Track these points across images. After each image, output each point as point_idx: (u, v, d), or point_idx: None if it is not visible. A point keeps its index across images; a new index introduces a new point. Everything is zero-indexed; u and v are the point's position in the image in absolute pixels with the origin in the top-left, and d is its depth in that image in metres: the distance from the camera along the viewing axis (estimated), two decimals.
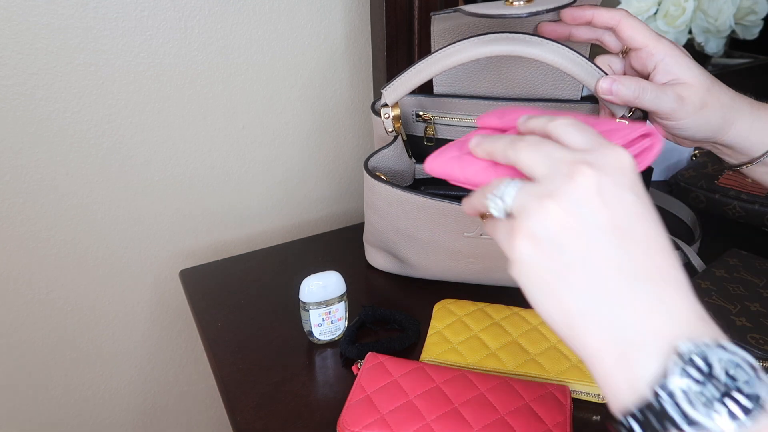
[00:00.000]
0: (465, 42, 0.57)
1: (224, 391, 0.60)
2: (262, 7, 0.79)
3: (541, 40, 0.56)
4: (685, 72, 0.54)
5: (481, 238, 0.64)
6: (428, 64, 0.60)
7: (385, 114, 0.66)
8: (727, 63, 1.12)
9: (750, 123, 0.54)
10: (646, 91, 0.53)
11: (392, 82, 0.63)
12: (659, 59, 0.54)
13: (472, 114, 0.70)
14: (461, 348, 0.60)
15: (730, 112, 0.54)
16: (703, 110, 0.53)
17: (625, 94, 0.53)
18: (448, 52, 0.58)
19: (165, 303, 0.91)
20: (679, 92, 0.53)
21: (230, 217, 0.90)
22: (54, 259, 0.80)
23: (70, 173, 0.77)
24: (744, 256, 0.69)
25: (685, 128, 0.54)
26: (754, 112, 0.55)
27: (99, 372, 0.91)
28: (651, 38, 0.54)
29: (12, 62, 0.69)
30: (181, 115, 0.80)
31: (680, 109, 0.53)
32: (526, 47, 0.55)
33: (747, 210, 0.83)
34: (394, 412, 0.51)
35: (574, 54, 0.56)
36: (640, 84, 0.53)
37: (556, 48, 0.55)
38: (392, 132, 0.67)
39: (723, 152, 0.58)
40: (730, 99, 0.54)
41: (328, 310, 0.63)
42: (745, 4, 1.01)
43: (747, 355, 0.28)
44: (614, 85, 0.54)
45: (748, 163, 0.56)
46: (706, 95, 0.53)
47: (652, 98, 0.53)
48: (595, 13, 0.56)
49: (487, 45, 0.56)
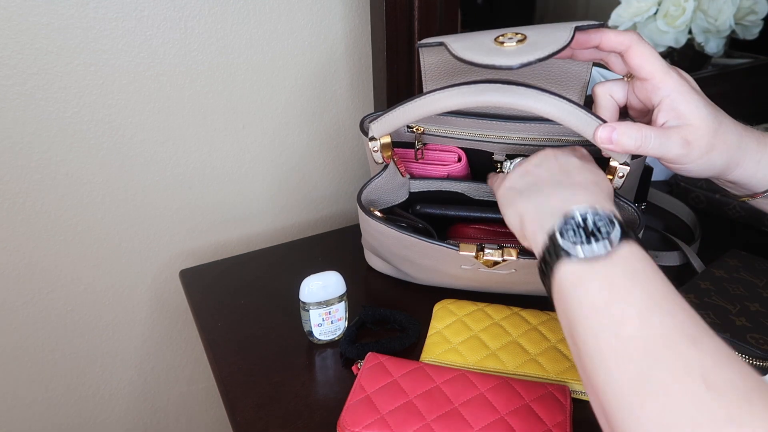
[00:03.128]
0: (456, 89, 0.55)
1: (224, 391, 0.60)
2: (262, 7, 0.79)
3: (535, 92, 0.53)
4: (692, 112, 0.50)
5: (480, 271, 0.64)
6: (418, 106, 0.58)
7: (374, 147, 0.64)
8: (727, 63, 1.12)
9: (757, 162, 0.51)
10: (649, 140, 0.49)
11: (379, 118, 0.62)
12: (665, 95, 0.50)
13: (464, 129, 0.68)
14: (461, 348, 0.61)
15: (737, 152, 0.50)
16: (710, 154, 0.50)
17: (627, 143, 0.50)
18: (437, 98, 0.56)
19: (165, 303, 0.91)
20: (684, 136, 0.49)
21: (230, 217, 0.90)
22: (54, 259, 0.80)
23: (70, 173, 0.77)
24: (744, 257, 0.69)
25: (690, 171, 0.52)
26: (761, 149, 0.51)
27: (99, 372, 0.91)
28: (660, 70, 0.50)
29: (12, 62, 0.69)
30: (181, 115, 0.80)
31: (686, 155, 0.50)
32: (520, 99, 0.53)
33: (747, 210, 0.83)
34: (394, 412, 0.51)
35: (569, 104, 0.52)
36: (641, 132, 0.49)
37: (550, 100, 0.53)
38: (381, 164, 0.66)
39: (726, 185, 0.55)
40: (737, 138, 0.50)
41: (328, 310, 0.63)
42: (745, 4, 1.01)
43: (612, 214, 0.42)
44: (614, 135, 0.50)
45: (751, 196, 0.54)
46: (713, 138, 0.49)
47: (656, 146, 0.49)
48: (603, 38, 0.52)
49: (480, 95, 0.54)
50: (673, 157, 0.50)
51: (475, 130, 0.68)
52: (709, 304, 0.61)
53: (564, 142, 0.67)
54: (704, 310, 0.59)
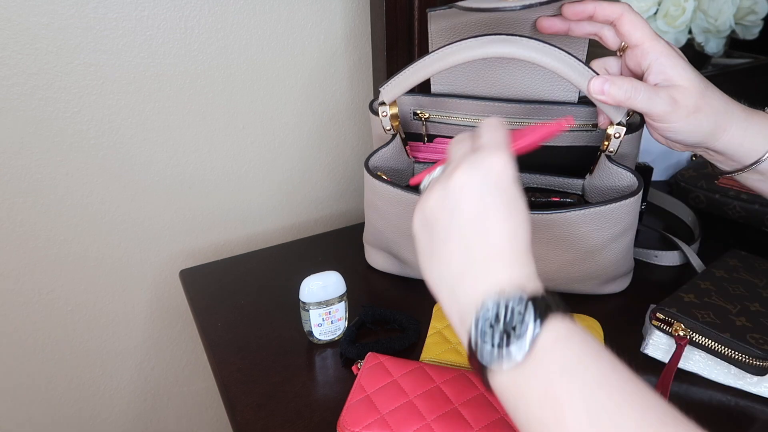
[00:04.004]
0: (461, 43, 0.57)
1: (224, 391, 0.60)
2: (262, 7, 0.79)
3: (536, 42, 0.56)
4: (680, 74, 0.53)
5: None
6: (425, 65, 0.60)
7: (383, 112, 0.66)
8: (727, 63, 1.12)
9: (743, 130, 0.54)
10: (638, 92, 0.53)
11: (389, 81, 0.63)
12: (654, 59, 0.54)
13: (469, 113, 0.70)
14: (461, 348, 0.60)
15: (723, 117, 0.53)
16: (696, 114, 0.53)
17: (617, 94, 0.53)
18: (444, 53, 0.58)
19: (165, 303, 0.91)
20: (672, 94, 0.53)
21: (230, 217, 0.90)
22: (54, 259, 0.80)
23: (70, 173, 0.77)
24: (744, 257, 0.69)
25: (677, 131, 0.54)
26: (748, 118, 0.54)
27: (99, 372, 0.91)
28: (648, 37, 0.54)
29: (12, 62, 0.69)
30: (181, 115, 0.80)
31: (673, 112, 0.53)
32: (521, 49, 0.56)
33: (747, 210, 0.83)
34: (394, 412, 0.51)
35: (568, 56, 0.56)
36: (632, 84, 0.53)
37: (549, 50, 0.56)
38: (390, 130, 0.67)
39: (715, 158, 0.57)
40: (724, 104, 0.54)
41: (328, 310, 0.63)
42: (745, 4, 1.01)
43: (521, 293, 0.36)
44: (606, 85, 0.54)
45: (740, 170, 0.56)
46: (699, 99, 0.53)
47: (644, 99, 0.53)
48: (596, 7, 0.56)
49: (483, 47, 0.57)
50: (660, 112, 0.53)
51: (478, 115, 0.70)
52: (709, 304, 0.61)
53: None
54: (704, 310, 0.59)
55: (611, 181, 0.64)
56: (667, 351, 0.60)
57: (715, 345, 0.56)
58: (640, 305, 0.67)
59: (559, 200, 0.69)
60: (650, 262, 0.77)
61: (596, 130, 0.68)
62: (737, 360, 0.55)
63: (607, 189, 0.65)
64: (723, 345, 0.56)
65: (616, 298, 0.70)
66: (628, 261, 0.68)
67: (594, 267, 0.65)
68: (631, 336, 0.64)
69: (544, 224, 0.62)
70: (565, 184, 0.71)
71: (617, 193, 0.64)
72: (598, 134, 0.68)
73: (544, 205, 0.69)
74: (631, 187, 0.63)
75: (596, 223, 0.61)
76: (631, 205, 0.61)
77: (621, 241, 0.64)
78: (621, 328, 0.65)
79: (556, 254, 0.64)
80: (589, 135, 0.69)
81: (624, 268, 0.68)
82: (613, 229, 0.62)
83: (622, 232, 0.63)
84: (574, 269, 0.65)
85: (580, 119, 0.68)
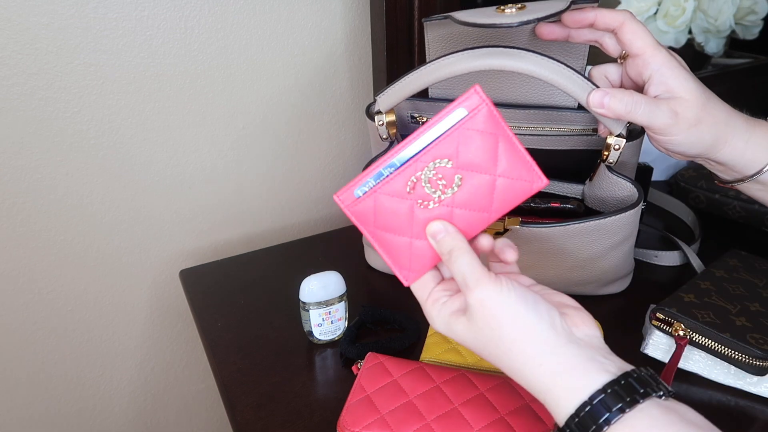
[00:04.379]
0: (458, 55, 0.57)
1: (224, 391, 0.60)
2: (261, 8, 0.79)
3: (534, 56, 0.55)
4: (681, 85, 0.52)
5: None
6: (421, 75, 0.59)
7: (379, 121, 0.66)
8: (727, 63, 1.12)
9: (745, 141, 0.53)
10: (639, 105, 0.51)
11: (385, 90, 0.63)
12: (655, 69, 0.52)
13: None
14: (461, 348, 0.60)
15: (724, 129, 0.52)
16: (698, 126, 0.52)
17: (617, 107, 0.52)
18: (440, 64, 0.58)
19: (165, 303, 0.91)
20: (673, 107, 0.51)
21: (230, 217, 0.90)
22: (54, 259, 0.80)
23: (70, 173, 0.77)
24: (744, 257, 0.69)
25: (678, 144, 0.53)
26: (750, 129, 0.53)
27: (99, 372, 0.91)
28: (650, 46, 0.53)
29: (12, 62, 0.69)
30: (181, 115, 0.80)
31: (674, 125, 0.52)
32: (519, 62, 0.55)
33: (747, 210, 0.83)
34: (394, 412, 0.51)
35: (567, 69, 0.55)
36: (632, 98, 0.52)
37: (548, 64, 0.55)
38: (387, 139, 0.67)
39: (716, 168, 0.56)
40: (726, 115, 0.52)
41: (328, 310, 0.63)
42: (745, 4, 1.01)
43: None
44: (605, 99, 0.52)
45: (741, 180, 0.55)
46: (701, 111, 0.51)
47: (644, 113, 0.52)
48: (597, 15, 0.55)
49: (480, 59, 0.56)
50: (661, 125, 0.52)
51: None
52: (709, 304, 0.61)
53: (555, 131, 0.69)
54: (704, 310, 0.59)
55: (611, 190, 0.64)
56: (667, 351, 0.60)
57: (715, 345, 0.56)
58: (640, 305, 0.67)
59: (559, 206, 0.69)
60: (650, 262, 0.77)
61: (596, 135, 0.68)
62: (737, 360, 0.55)
63: (606, 198, 0.65)
64: (723, 345, 0.56)
65: (616, 298, 0.70)
66: (628, 265, 0.68)
67: (594, 273, 0.65)
68: (631, 336, 0.64)
69: (543, 237, 0.62)
70: (565, 189, 0.71)
71: (617, 202, 0.64)
72: (598, 138, 0.68)
73: (545, 211, 0.69)
74: (630, 197, 0.62)
75: (595, 234, 0.61)
76: (631, 217, 0.61)
77: (621, 248, 0.64)
78: (621, 328, 0.65)
79: (555, 262, 0.64)
80: (588, 139, 0.69)
81: (624, 271, 0.68)
82: (612, 239, 0.62)
83: (622, 241, 0.63)
84: (573, 275, 0.65)
85: (580, 124, 0.68)
